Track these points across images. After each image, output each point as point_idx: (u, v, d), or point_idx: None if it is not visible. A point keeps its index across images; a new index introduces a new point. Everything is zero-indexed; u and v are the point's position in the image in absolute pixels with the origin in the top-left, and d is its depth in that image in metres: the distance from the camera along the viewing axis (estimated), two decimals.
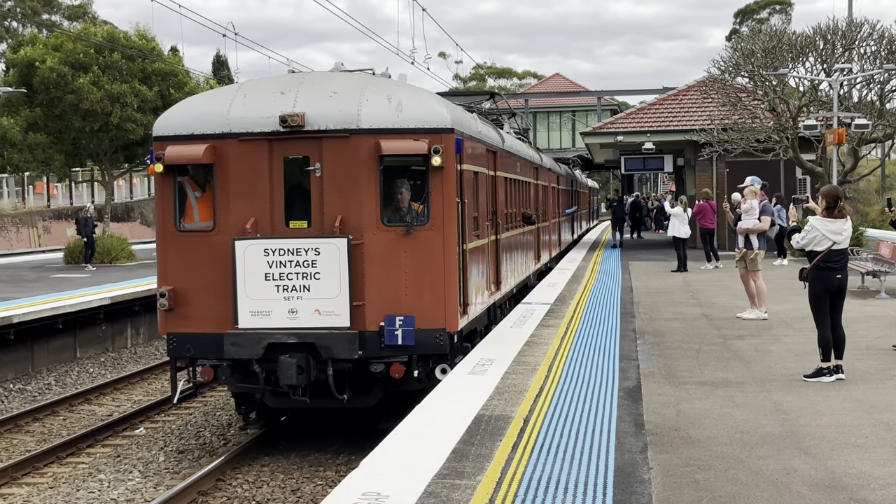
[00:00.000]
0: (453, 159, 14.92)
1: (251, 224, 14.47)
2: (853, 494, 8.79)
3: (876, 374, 14.41)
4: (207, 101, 16.04)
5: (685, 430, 11.17)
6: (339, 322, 14.12)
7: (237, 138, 14.72)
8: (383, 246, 14.55)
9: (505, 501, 8.60)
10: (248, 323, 14.23)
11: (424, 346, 14.44)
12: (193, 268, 14.89)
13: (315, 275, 14.16)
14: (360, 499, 8.64)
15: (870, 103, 39.15)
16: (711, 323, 20.17)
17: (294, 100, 14.70)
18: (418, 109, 14.84)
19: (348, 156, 14.54)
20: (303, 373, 13.96)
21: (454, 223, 14.99)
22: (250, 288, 14.19)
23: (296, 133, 14.54)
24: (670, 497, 8.70)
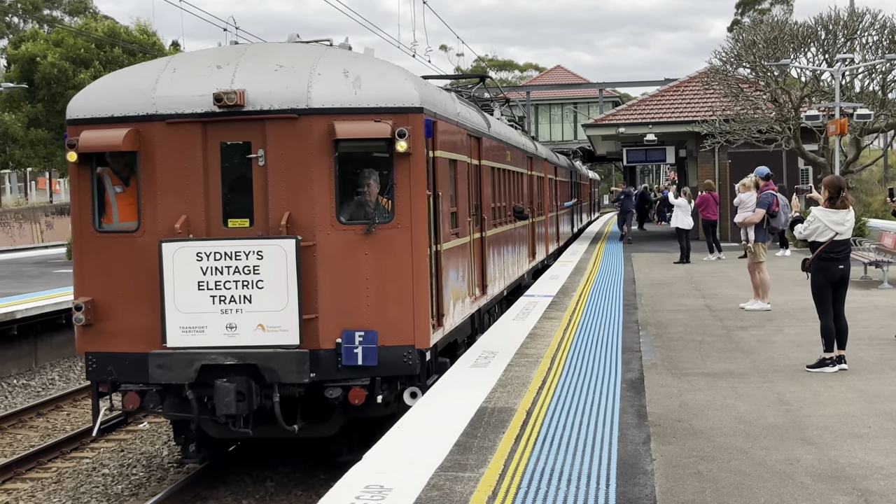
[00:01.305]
0: (423, 144, 12.60)
1: (182, 223, 12.26)
2: (856, 484, 8.79)
3: (879, 364, 14.41)
4: (131, 77, 13.35)
5: (688, 421, 11.18)
6: (287, 339, 11.90)
7: (164, 121, 12.42)
8: (340, 248, 12.36)
9: (508, 493, 8.59)
10: (179, 341, 11.95)
11: (390, 366, 12.21)
12: (115, 275, 12.56)
13: (258, 283, 11.91)
14: (363, 492, 8.63)
15: (872, 93, 39.19)
16: (714, 314, 20.17)
17: (233, 75, 12.40)
18: (380, 86, 12.50)
19: (297, 141, 12.29)
20: (243, 400, 11.75)
21: (424, 220, 12.67)
22: (181, 299, 11.93)
23: (234, 114, 12.30)
24: (673, 488, 8.71)
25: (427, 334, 12.58)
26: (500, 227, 20.65)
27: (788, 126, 38.20)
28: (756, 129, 38.55)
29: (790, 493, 8.56)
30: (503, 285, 21.19)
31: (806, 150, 38.73)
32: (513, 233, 23.05)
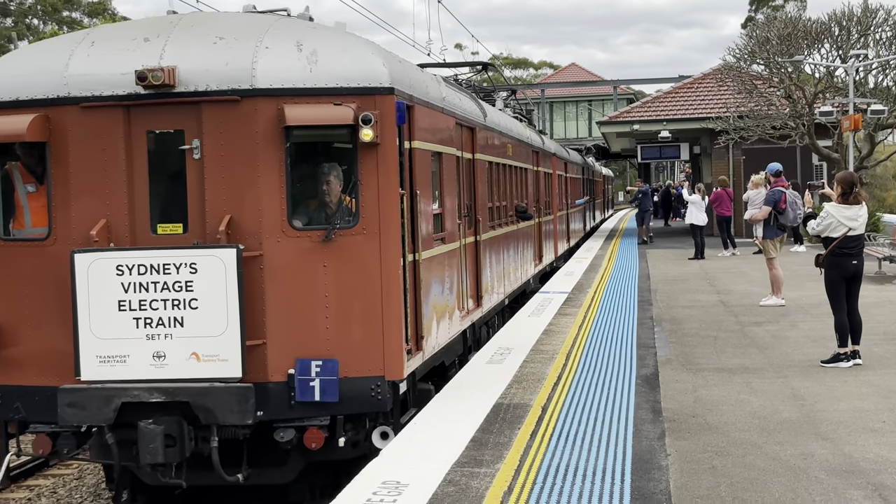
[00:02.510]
0: (394, 132, 10.42)
1: (100, 229, 10.03)
2: (871, 479, 8.77)
3: (893, 358, 14.38)
4: (42, 53, 11.09)
5: (703, 416, 11.17)
6: (226, 370, 9.73)
7: (79, 104, 10.17)
8: (293, 258, 10.18)
9: (524, 489, 8.59)
10: (95, 373, 9.75)
11: (354, 401, 10.10)
12: (22, 292, 10.40)
13: (191, 302, 9.74)
14: (380, 487, 8.64)
15: (886, 89, 39.22)
16: (729, 310, 20.13)
17: (162, 49, 10.22)
18: (342, 62, 10.27)
19: (240, 129, 10.08)
20: (174, 445, 9.64)
21: (396, 224, 10.50)
22: (98, 323, 9.73)
23: (163, 96, 10.09)
24: (688, 483, 8.70)
25: (400, 362, 10.44)
26: (499, 228, 18.77)
27: (802, 122, 38.25)
28: (770, 125, 38.59)
29: (804, 488, 8.55)
30: (503, 294, 19.18)
31: (820, 146, 38.74)
32: (515, 234, 21.01)
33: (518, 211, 21.14)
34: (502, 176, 19.39)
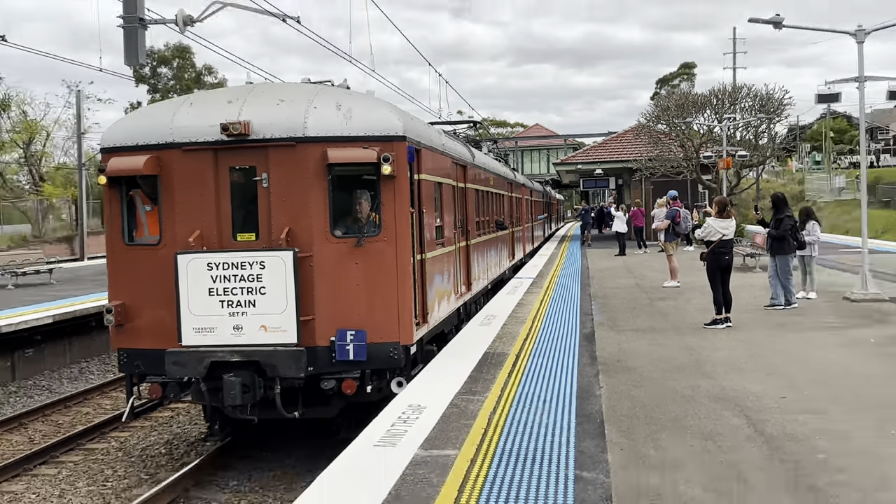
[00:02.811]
0: (406, 168, 10.36)
1: (195, 237, 10.03)
2: (737, 402, 8.82)
3: (753, 323, 14.36)
4: (153, 112, 11.18)
5: (624, 361, 11.18)
6: (286, 338, 9.71)
7: (181, 148, 10.21)
8: (333, 258, 10.08)
9: (504, 409, 8.62)
10: (192, 340, 9.79)
11: (378, 360, 10.03)
12: (142, 283, 10.36)
13: (260, 289, 9.73)
14: (407, 409, 8.68)
15: (748, 140, 39.62)
16: (642, 290, 20.11)
17: (240, 108, 10.20)
18: (369, 117, 10.25)
19: (295, 165, 10.04)
20: (248, 392, 9.68)
21: (408, 233, 10.40)
22: (194, 304, 9.77)
23: (241, 142, 10.07)
24: (614, 406, 8.73)
25: (410, 332, 10.30)
26: (484, 236, 18.18)
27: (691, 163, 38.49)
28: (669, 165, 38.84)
29: (692, 409, 8.59)
30: (487, 281, 18.74)
31: (703, 179, 38.93)
32: (495, 240, 20.43)
33: (497, 223, 20.75)
34: (486, 199, 18.95)
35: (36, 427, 14.15)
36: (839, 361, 10.93)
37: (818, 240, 17.81)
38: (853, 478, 6.48)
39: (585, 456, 7.03)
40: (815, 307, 16.13)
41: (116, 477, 11.25)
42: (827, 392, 9.24)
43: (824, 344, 12.22)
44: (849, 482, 6.39)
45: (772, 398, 8.97)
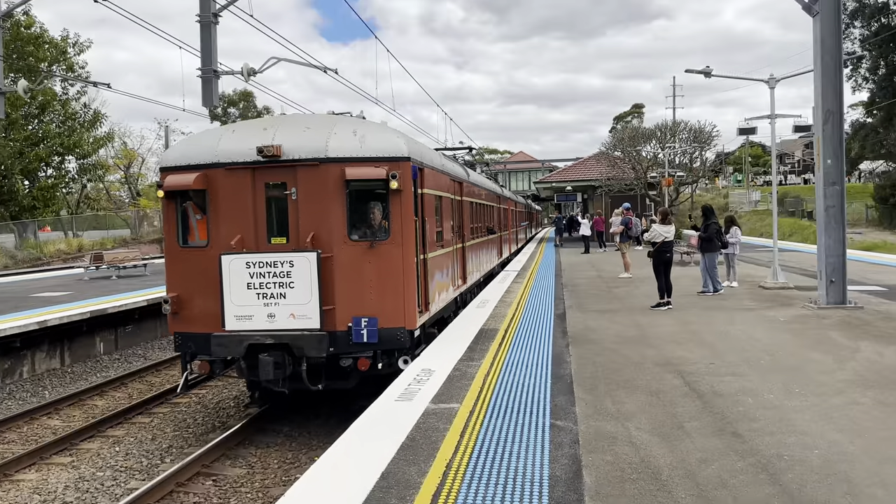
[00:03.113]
0: (410, 183, 9.82)
1: (237, 241, 9.66)
2: (676, 367, 8.79)
3: (688, 306, 14.32)
4: (202, 137, 10.56)
5: (588, 335, 11.16)
6: (311, 324, 9.33)
7: (224, 167, 9.81)
8: (350, 258, 9.61)
9: (494, 371, 8.61)
10: (233, 325, 9.42)
11: (387, 342, 9.62)
12: (193, 278, 9.97)
13: (290, 284, 9.33)
14: (420, 372, 8.68)
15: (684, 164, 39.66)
16: (602, 280, 20.07)
17: (273, 135, 9.81)
18: (379, 141, 9.81)
19: (319, 181, 9.62)
20: (280, 368, 9.33)
21: (412, 237, 9.85)
22: (235, 295, 9.40)
23: (274, 162, 9.67)
24: (580, 370, 8.72)
25: (414, 319, 9.79)
26: (476, 239, 17.47)
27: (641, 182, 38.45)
28: (624, 183, 38.84)
29: (641, 372, 8.57)
30: (479, 275, 18.01)
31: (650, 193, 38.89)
32: (486, 242, 19.68)
33: (488, 229, 20.26)
34: (478, 210, 18.32)
35: (134, 386, 14.20)
36: (755, 335, 10.92)
37: (740, 241, 17.80)
38: (766, 425, 6.48)
39: (558, 408, 7.03)
40: (736, 293, 16.09)
41: (196, 424, 11.31)
42: (745, 359, 9.22)
43: (743, 322, 12.18)
44: (762, 428, 6.39)
45: (703, 364, 8.95)
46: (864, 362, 8.91)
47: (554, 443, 6.03)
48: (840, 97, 13.48)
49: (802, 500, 4.87)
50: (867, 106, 54.41)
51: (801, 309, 13.47)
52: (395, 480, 5.29)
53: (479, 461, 5.66)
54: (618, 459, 5.66)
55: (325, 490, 5.15)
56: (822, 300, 13.61)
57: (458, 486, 5.17)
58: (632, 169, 39.52)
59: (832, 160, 13.48)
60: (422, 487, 5.15)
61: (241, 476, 9.03)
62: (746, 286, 17.24)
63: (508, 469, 5.48)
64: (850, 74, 52.56)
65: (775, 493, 5.00)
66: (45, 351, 15.26)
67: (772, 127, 18.03)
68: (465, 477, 5.34)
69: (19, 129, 45.31)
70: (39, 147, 46.02)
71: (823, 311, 13.15)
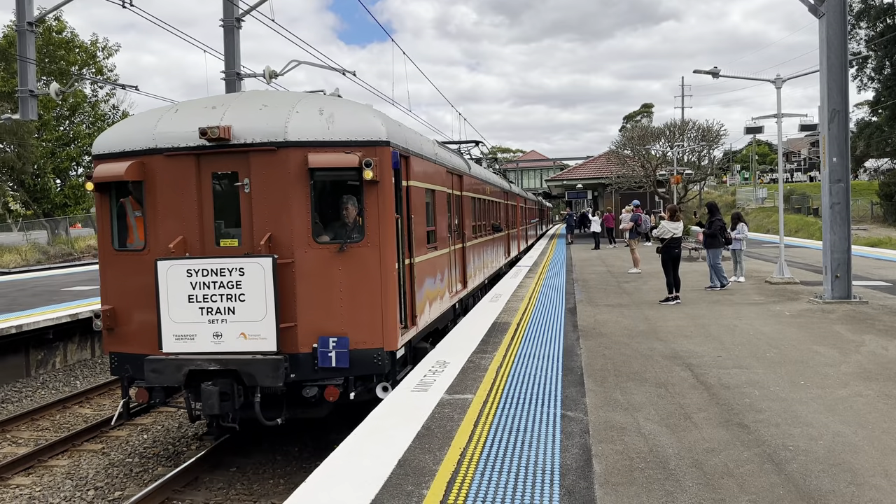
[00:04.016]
0: (390, 173, 7.83)
1: (177, 243, 7.69)
2: (684, 360, 8.76)
3: (696, 300, 14.26)
4: (140, 119, 8.40)
5: (598, 329, 11.14)
6: (265, 346, 7.37)
7: (163, 154, 7.83)
8: (316, 264, 7.63)
9: (508, 364, 8.60)
10: (172, 347, 7.49)
11: (361, 366, 7.62)
12: (130, 288, 8.03)
13: (240, 296, 7.37)
14: (435, 364, 8.67)
15: (693, 162, 39.38)
16: (612, 275, 20.01)
17: (223, 114, 7.82)
18: (351, 122, 7.79)
19: (277, 170, 7.62)
20: (227, 400, 7.34)
21: (391, 239, 7.85)
22: (174, 310, 7.47)
23: (222, 147, 7.67)
24: (590, 362, 8.70)
25: (395, 337, 7.82)
26: (479, 238, 15.54)
27: (650, 179, 38.22)
28: (633, 181, 38.68)
29: (651, 365, 8.55)
30: (483, 277, 15.92)
31: (659, 191, 38.65)
32: (491, 241, 17.71)
33: (494, 226, 18.49)
34: (482, 206, 16.40)
35: None
36: (761, 329, 10.85)
37: (746, 237, 17.68)
38: (771, 416, 6.45)
39: (569, 399, 7.02)
40: (743, 288, 15.99)
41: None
42: (752, 352, 9.17)
43: (750, 316, 12.11)
44: (768, 420, 6.35)
45: (710, 357, 8.91)
46: (868, 355, 8.83)
47: (565, 432, 6.02)
48: (845, 96, 13.35)
49: (807, 489, 4.85)
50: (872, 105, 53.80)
51: (807, 303, 13.37)
52: (411, 468, 5.31)
53: (493, 450, 5.67)
54: (627, 449, 5.65)
55: (343, 477, 5.18)
56: (827, 295, 13.50)
57: (471, 474, 5.18)
58: (641, 167, 39.34)
59: (837, 158, 13.35)
60: (437, 474, 5.18)
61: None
62: (753, 281, 17.13)
63: (521, 458, 5.49)
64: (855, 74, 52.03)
65: (780, 481, 4.97)
66: (76, 342, 15.43)
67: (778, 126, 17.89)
68: (479, 465, 5.36)
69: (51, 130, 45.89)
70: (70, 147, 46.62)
71: (829, 305, 13.05)
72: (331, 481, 5.11)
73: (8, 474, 8.73)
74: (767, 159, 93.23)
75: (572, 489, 4.87)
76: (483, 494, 4.82)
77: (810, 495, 4.73)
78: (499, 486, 4.97)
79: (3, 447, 9.91)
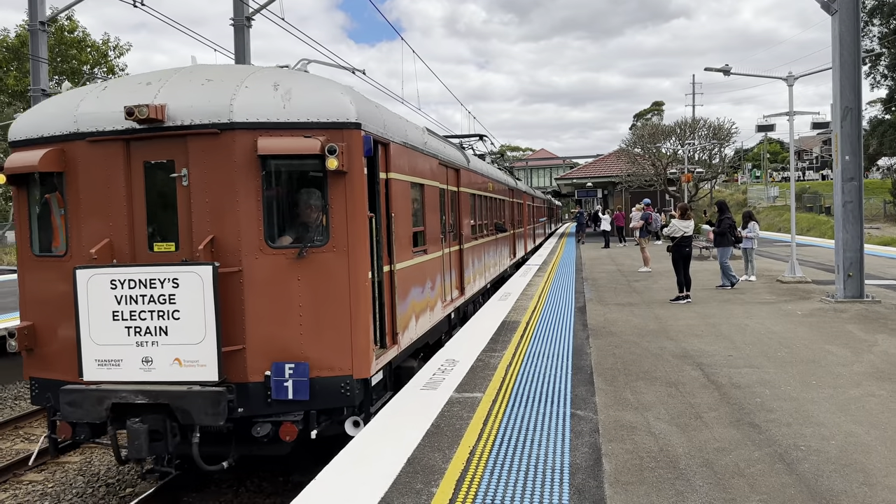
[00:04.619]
0: (361, 162, 6.43)
1: (101, 248, 6.34)
2: (695, 359, 8.73)
3: (707, 299, 14.20)
4: (62, 98, 6.96)
5: (608, 327, 11.11)
6: (204, 375, 6.01)
7: (86, 139, 6.46)
8: (269, 273, 6.26)
9: (517, 363, 8.59)
10: (94, 375, 6.14)
11: (324, 398, 6.27)
12: (51, 301, 6.70)
13: (173, 313, 6.03)
14: (444, 362, 8.67)
15: (704, 161, 39.24)
16: (621, 274, 19.96)
17: (157, 91, 6.41)
18: (312, 99, 6.35)
19: (220, 159, 6.23)
20: (159, 440, 6.02)
21: (364, 242, 6.45)
22: (96, 330, 6.13)
23: (155, 130, 6.31)
24: (600, 361, 8.69)
25: (367, 362, 6.42)
26: (480, 239, 14.13)
27: (660, 178, 38.13)
28: (644, 179, 38.59)
29: (661, 364, 8.52)
30: (484, 282, 14.57)
31: (670, 190, 38.56)
32: (494, 242, 16.40)
33: (497, 226, 17.11)
34: (484, 204, 14.98)
35: None
36: (773, 328, 10.79)
37: (758, 236, 17.59)
38: (783, 416, 6.41)
39: (579, 398, 7.01)
40: (755, 287, 15.90)
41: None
42: (763, 351, 9.12)
43: (761, 315, 12.04)
44: (779, 419, 6.31)
45: (721, 356, 8.87)
46: (881, 355, 8.77)
47: (574, 432, 6.01)
48: (858, 94, 13.25)
49: (819, 490, 4.81)
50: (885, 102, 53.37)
51: (819, 303, 13.29)
52: (420, 466, 5.31)
53: (502, 448, 5.67)
54: (637, 448, 5.63)
55: (353, 475, 5.19)
56: (839, 294, 13.42)
57: (481, 472, 5.18)
58: (651, 165, 39.24)
59: (850, 156, 13.26)
60: (446, 472, 5.18)
61: None
62: (764, 280, 17.03)
63: (530, 456, 5.48)
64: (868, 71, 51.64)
65: (792, 482, 4.94)
66: None
67: (790, 124, 17.78)
68: (488, 463, 5.35)
69: None
70: None
71: (841, 304, 12.96)
72: (340, 479, 5.12)
73: None
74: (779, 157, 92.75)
75: (582, 488, 4.86)
76: (493, 493, 4.81)
77: (822, 496, 4.70)
78: (508, 484, 4.97)
79: None
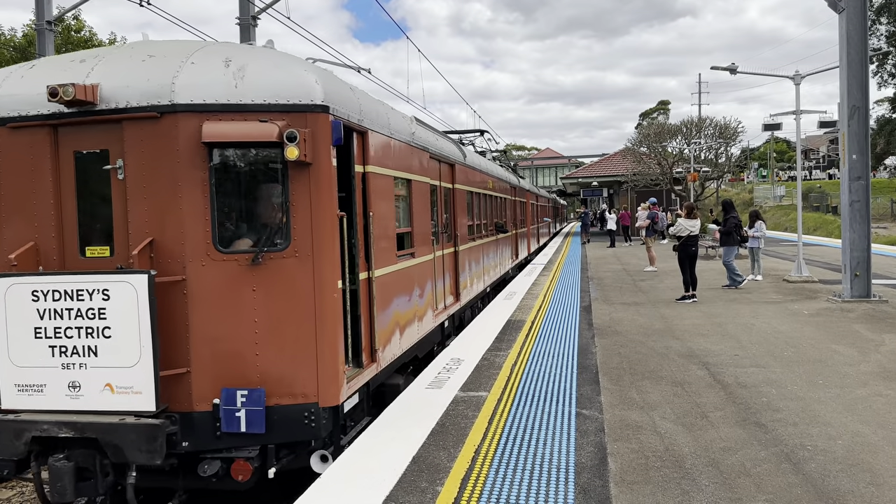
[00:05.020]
0: (328, 151, 5.38)
1: (21, 253, 5.39)
2: (701, 359, 8.71)
3: (713, 299, 14.16)
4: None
5: (614, 327, 11.09)
6: (138, 403, 5.04)
7: (6, 125, 5.47)
8: (219, 283, 5.25)
9: (522, 362, 8.59)
10: (14, 402, 5.20)
11: (285, 430, 5.27)
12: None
13: (104, 331, 5.03)
14: (449, 361, 8.68)
15: (710, 160, 39.22)
16: (627, 273, 19.91)
17: (91, 68, 5.42)
18: (270, 77, 5.32)
19: (161, 147, 5.20)
20: (88, 480, 5.13)
21: (332, 245, 5.45)
22: (16, 350, 5.18)
23: (86, 114, 5.29)
24: (606, 360, 8.67)
25: (336, 387, 5.47)
26: (478, 240, 13.13)
27: (666, 177, 38.11)
28: (650, 178, 38.54)
29: (667, 363, 8.51)
30: (483, 285, 13.57)
31: (676, 189, 38.49)
32: (494, 243, 15.35)
33: (497, 226, 15.89)
34: (482, 202, 13.93)
35: None
36: (779, 328, 10.76)
37: (764, 235, 17.52)
38: (789, 415, 6.39)
39: (584, 398, 7.01)
40: (761, 287, 15.86)
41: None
42: (769, 351, 9.09)
43: (768, 314, 12.01)
44: (786, 419, 6.30)
45: (727, 355, 8.85)
46: (888, 355, 8.73)
47: (580, 431, 6.00)
48: (865, 93, 13.19)
49: (826, 489, 4.80)
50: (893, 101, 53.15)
51: (826, 302, 13.24)
52: (425, 464, 5.32)
53: (507, 447, 5.67)
54: (642, 447, 5.62)
55: (358, 473, 5.20)
56: (846, 294, 13.36)
57: (486, 471, 5.18)
58: (657, 164, 39.19)
59: (857, 155, 13.20)
60: (451, 471, 5.18)
61: None
62: (771, 280, 16.99)
63: (535, 455, 5.48)
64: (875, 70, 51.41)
65: (798, 481, 4.93)
66: None
67: (797, 123, 17.70)
68: (494, 462, 5.35)
69: None
70: None
71: (848, 304, 12.91)
72: (345, 477, 5.13)
73: None
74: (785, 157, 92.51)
75: (587, 487, 4.85)
76: (497, 491, 4.81)
77: (829, 495, 4.69)
78: (513, 483, 4.97)
79: None
